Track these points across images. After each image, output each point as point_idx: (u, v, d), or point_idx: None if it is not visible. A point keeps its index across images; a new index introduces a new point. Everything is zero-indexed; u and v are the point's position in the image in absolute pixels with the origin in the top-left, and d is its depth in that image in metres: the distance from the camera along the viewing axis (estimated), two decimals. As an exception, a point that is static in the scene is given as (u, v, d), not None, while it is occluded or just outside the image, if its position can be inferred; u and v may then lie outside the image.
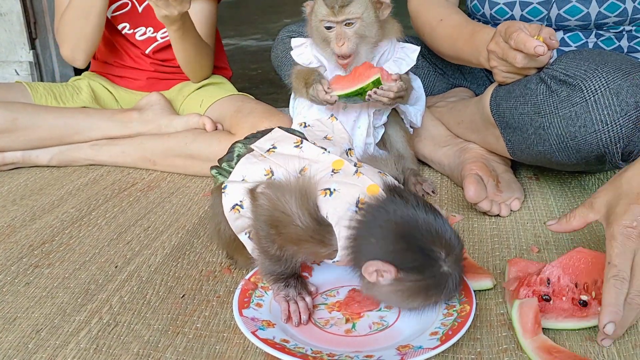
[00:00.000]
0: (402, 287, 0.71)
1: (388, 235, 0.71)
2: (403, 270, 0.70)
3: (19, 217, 1.19)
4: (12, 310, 0.86)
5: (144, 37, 1.56)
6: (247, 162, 0.86)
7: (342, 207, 0.74)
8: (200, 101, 1.52)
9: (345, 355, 0.69)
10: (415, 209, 0.71)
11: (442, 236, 0.71)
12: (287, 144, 0.87)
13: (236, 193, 0.83)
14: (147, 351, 0.76)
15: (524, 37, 0.97)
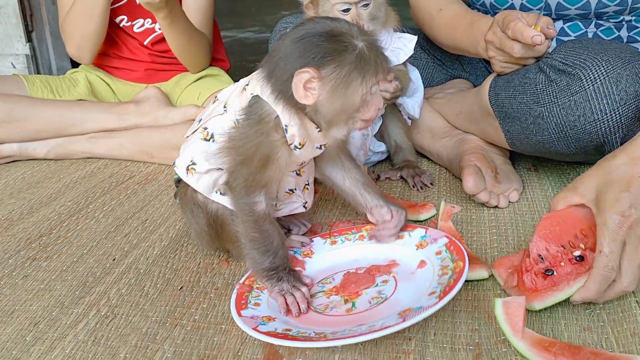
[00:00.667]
0: (334, 82, 0.72)
1: (293, 53, 0.73)
2: (321, 65, 0.71)
3: (17, 210, 1.18)
4: (9, 303, 0.86)
5: (142, 28, 1.55)
6: (183, 147, 0.90)
7: (259, 82, 0.78)
8: (198, 94, 1.52)
9: (349, 329, 0.70)
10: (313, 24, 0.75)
11: (344, 26, 0.74)
12: (207, 108, 0.92)
13: (182, 159, 0.87)
14: (145, 343, 0.76)
15: (521, 27, 0.96)
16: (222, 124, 0.84)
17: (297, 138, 0.79)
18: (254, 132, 0.79)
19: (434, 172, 1.27)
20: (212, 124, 0.86)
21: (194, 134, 0.89)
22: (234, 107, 0.83)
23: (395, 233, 0.89)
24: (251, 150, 0.79)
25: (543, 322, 0.76)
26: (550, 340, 0.70)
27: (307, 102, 0.73)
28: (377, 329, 0.67)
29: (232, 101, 0.84)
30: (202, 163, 0.85)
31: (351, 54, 0.72)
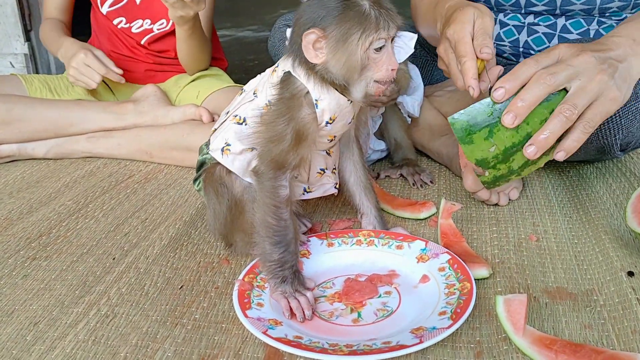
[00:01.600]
0: (336, 36, 0.74)
1: (302, 18, 0.77)
2: (325, 25, 0.74)
3: (16, 209, 1.18)
4: (9, 302, 0.86)
5: (140, 29, 1.55)
6: (217, 133, 0.90)
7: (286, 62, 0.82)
8: (197, 93, 1.52)
9: (363, 344, 0.69)
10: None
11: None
12: (234, 101, 0.93)
13: (218, 141, 0.88)
14: (145, 342, 0.75)
15: (467, 68, 0.89)
16: (254, 107, 0.85)
17: (327, 113, 0.81)
18: (285, 108, 0.80)
19: (434, 170, 1.27)
20: (242, 110, 0.87)
21: (223, 124, 0.90)
22: (266, 92, 0.84)
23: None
24: (283, 127, 0.80)
25: (544, 320, 0.76)
26: (551, 337, 0.70)
27: (317, 61, 0.76)
28: (394, 347, 0.67)
29: (263, 86, 0.85)
30: (236, 144, 0.86)
31: (352, 10, 0.74)
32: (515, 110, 0.77)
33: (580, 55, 0.79)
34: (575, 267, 0.87)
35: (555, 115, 0.76)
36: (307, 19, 0.76)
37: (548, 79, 0.76)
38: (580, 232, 0.97)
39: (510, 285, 0.84)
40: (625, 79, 0.81)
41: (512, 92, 0.77)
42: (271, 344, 0.70)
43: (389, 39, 0.77)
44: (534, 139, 0.77)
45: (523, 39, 1.25)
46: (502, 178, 0.80)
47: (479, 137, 0.78)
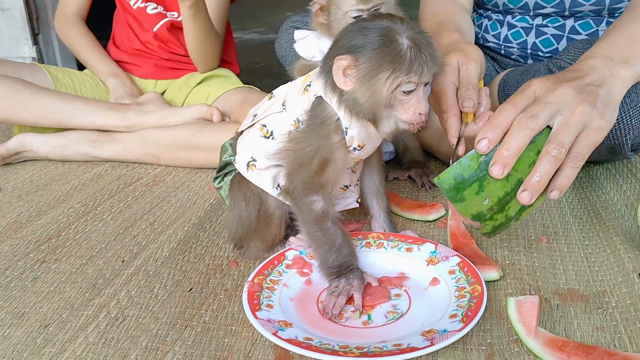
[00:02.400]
0: (365, 68, 0.73)
1: (340, 40, 0.76)
2: (359, 54, 0.73)
3: (25, 212, 1.18)
4: (19, 305, 0.86)
5: (154, 11, 1.57)
6: (241, 138, 0.91)
7: (318, 82, 0.80)
8: (207, 95, 1.52)
9: (374, 346, 0.69)
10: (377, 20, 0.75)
11: (396, 22, 0.74)
12: (261, 105, 0.92)
13: (242, 155, 0.88)
14: (155, 345, 0.75)
15: (449, 125, 0.88)
16: (282, 122, 0.85)
17: (356, 140, 0.81)
18: (315, 135, 0.80)
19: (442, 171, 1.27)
20: (270, 121, 0.87)
21: (250, 130, 0.90)
22: (295, 107, 0.84)
23: None
24: (310, 154, 0.80)
25: (555, 321, 0.75)
26: (563, 339, 0.69)
27: (344, 88, 0.75)
28: (405, 349, 0.67)
29: (292, 100, 0.85)
30: (262, 160, 0.86)
31: (389, 47, 0.72)
32: (502, 161, 0.73)
33: (557, 89, 0.75)
34: (586, 269, 0.87)
35: (543, 157, 0.73)
36: (344, 44, 0.75)
37: (529, 123, 0.73)
38: (590, 233, 0.96)
39: (521, 286, 0.83)
40: (608, 103, 0.77)
41: (495, 142, 0.74)
42: (282, 346, 0.70)
43: (422, 84, 0.75)
44: (526, 184, 0.74)
45: (531, 40, 1.24)
46: (501, 227, 0.79)
47: (470, 193, 0.76)
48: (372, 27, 0.73)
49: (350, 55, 0.73)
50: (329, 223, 0.83)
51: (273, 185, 0.87)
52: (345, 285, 0.79)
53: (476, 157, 0.75)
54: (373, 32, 0.73)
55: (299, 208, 0.84)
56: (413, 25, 0.74)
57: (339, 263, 0.81)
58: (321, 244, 0.83)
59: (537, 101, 0.75)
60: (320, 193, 0.82)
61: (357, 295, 0.79)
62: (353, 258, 0.83)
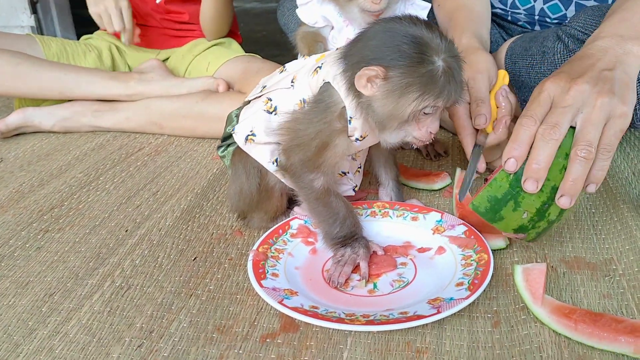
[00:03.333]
0: (394, 84, 0.70)
1: (372, 40, 0.72)
2: (391, 66, 0.69)
3: (27, 182, 1.18)
4: (24, 274, 0.86)
5: None
6: (246, 109, 0.90)
7: (332, 67, 0.77)
8: (207, 64, 1.50)
9: (380, 314, 0.69)
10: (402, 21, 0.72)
11: (433, 36, 0.70)
12: (273, 78, 0.91)
13: (243, 127, 0.86)
14: (160, 313, 0.75)
15: (466, 145, 0.89)
16: (288, 99, 0.83)
17: (358, 131, 0.79)
18: (317, 119, 0.78)
19: (447, 140, 1.26)
20: (276, 96, 0.85)
21: (256, 101, 0.88)
22: (303, 86, 0.82)
23: None
24: (310, 136, 0.78)
25: (562, 289, 0.75)
26: (570, 307, 0.69)
27: (364, 92, 0.72)
28: (412, 317, 0.67)
29: (301, 79, 0.83)
30: (261, 135, 0.84)
31: (423, 67, 0.69)
32: (534, 176, 0.72)
33: (572, 89, 0.73)
34: (593, 237, 0.86)
35: (574, 160, 0.71)
36: (376, 49, 0.71)
37: (553, 134, 0.71)
38: (597, 201, 0.96)
39: (527, 255, 0.83)
40: (627, 84, 0.75)
41: (522, 159, 0.73)
42: (287, 314, 0.70)
43: (443, 108, 0.74)
44: (562, 189, 0.73)
45: (539, 6, 1.21)
46: (544, 231, 0.78)
47: (508, 211, 0.75)
48: (407, 36, 0.69)
49: (380, 68, 0.69)
50: (331, 197, 0.82)
51: (270, 159, 0.85)
52: (351, 254, 0.79)
53: (506, 177, 0.74)
54: (408, 43, 0.69)
55: (299, 185, 0.83)
56: (449, 45, 0.71)
57: (344, 234, 0.81)
58: (325, 218, 0.82)
59: (554, 107, 0.73)
60: (319, 171, 0.81)
61: (363, 263, 0.79)
62: (357, 228, 0.82)
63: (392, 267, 0.79)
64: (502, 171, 0.75)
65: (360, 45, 0.73)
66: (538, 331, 0.68)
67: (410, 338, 0.68)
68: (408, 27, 0.70)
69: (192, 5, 1.55)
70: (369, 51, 0.71)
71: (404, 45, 0.69)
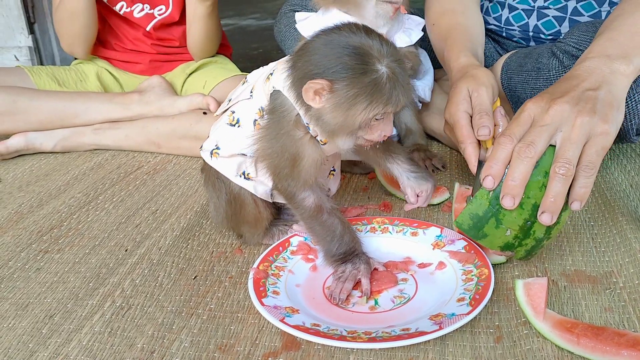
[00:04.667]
0: (341, 96, 0.70)
1: (314, 54, 0.72)
2: (336, 79, 0.69)
3: (26, 203, 1.18)
4: (24, 296, 0.85)
5: (142, 13, 1.53)
6: (214, 125, 0.91)
7: (281, 74, 0.78)
8: (204, 83, 1.51)
9: (382, 331, 0.69)
10: (344, 31, 0.72)
11: (373, 43, 0.70)
12: (237, 89, 0.92)
13: (208, 143, 0.88)
14: (161, 333, 0.75)
15: (468, 155, 0.88)
16: (248, 110, 0.84)
17: (319, 135, 0.79)
18: (277, 132, 0.79)
19: (445, 155, 1.26)
20: (238, 108, 0.86)
21: (223, 115, 0.89)
22: (259, 94, 0.83)
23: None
24: (277, 152, 0.79)
25: (563, 303, 0.75)
26: (572, 321, 0.69)
27: (312, 105, 0.72)
28: (414, 334, 0.67)
29: (258, 87, 0.84)
30: (226, 148, 0.85)
31: (367, 77, 0.69)
32: (510, 192, 0.73)
33: (551, 108, 0.74)
34: (592, 250, 0.86)
35: (553, 177, 0.72)
36: (319, 63, 0.71)
37: (528, 152, 0.72)
38: (596, 214, 0.96)
39: (528, 269, 0.83)
40: (611, 104, 0.75)
41: (499, 176, 0.74)
42: (289, 332, 0.69)
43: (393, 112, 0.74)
44: (543, 206, 0.73)
45: (532, 23, 1.23)
46: (534, 249, 0.78)
47: (490, 228, 0.77)
48: (348, 47, 0.70)
49: (325, 81, 0.69)
50: (325, 215, 0.82)
51: (237, 172, 0.86)
52: (352, 270, 0.79)
53: (486, 194, 0.76)
54: (349, 54, 0.69)
55: (293, 206, 0.84)
56: (390, 49, 0.71)
57: (343, 250, 0.81)
58: (322, 236, 0.82)
59: (533, 126, 0.74)
60: (308, 188, 0.81)
61: (365, 280, 0.78)
62: (356, 244, 0.82)
63: (393, 284, 0.79)
64: (482, 189, 0.76)
65: (305, 59, 0.73)
66: (541, 346, 0.68)
67: (412, 355, 0.68)
68: (348, 37, 0.71)
69: (180, 27, 1.56)
70: (313, 65, 0.71)
71: (345, 57, 0.69)
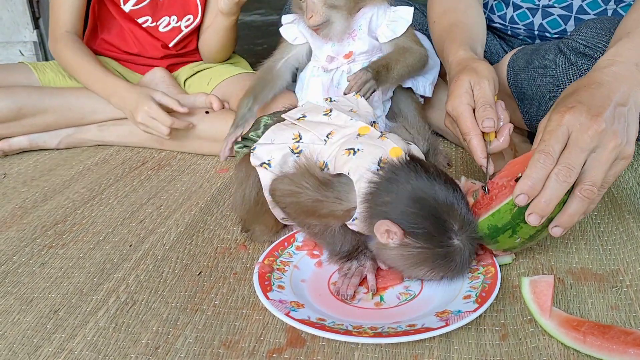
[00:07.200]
0: (409, 252, 0.71)
1: (403, 196, 0.71)
2: (411, 234, 0.70)
3: (30, 198, 1.18)
4: (28, 291, 0.85)
5: (168, 27, 1.48)
6: (277, 129, 0.87)
7: (364, 164, 0.75)
8: (209, 80, 1.49)
9: (388, 326, 0.69)
10: (435, 180, 0.71)
11: (458, 210, 0.71)
12: (316, 113, 0.88)
13: (264, 152, 0.84)
14: (166, 329, 0.75)
15: (474, 147, 0.87)
16: (313, 151, 0.81)
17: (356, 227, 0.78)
18: (323, 198, 0.76)
19: (450, 151, 1.26)
20: (307, 139, 0.83)
21: (288, 129, 0.86)
22: (330, 152, 0.79)
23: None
24: (308, 196, 0.77)
25: (569, 301, 0.75)
26: (578, 319, 0.69)
27: (380, 239, 0.72)
28: (420, 330, 0.66)
29: (334, 142, 0.80)
30: (276, 168, 0.82)
31: (442, 249, 0.70)
32: (540, 212, 0.72)
33: (592, 129, 0.71)
34: (599, 247, 0.86)
35: (576, 197, 0.72)
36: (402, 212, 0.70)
37: (568, 177, 0.70)
38: (603, 211, 0.95)
39: (534, 266, 0.82)
40: (635, 121, 0.74)
41: (535, 194, 0.72)
42: (294, 326, 0.69)
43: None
44: (558, 221, 0.73)
45: (537, 21, 1.22)
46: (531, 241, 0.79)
47: (504, 237, 0.77)
48: (434, 207, 0.70)
49: (401, 231, 0.70)
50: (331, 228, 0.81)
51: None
52: (357, 267, 0.79)
53: (510, 209, 0.74)
54: (430, 217, 0.70)
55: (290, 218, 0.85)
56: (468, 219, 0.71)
57: (347, 248, 0.81)
58: (324, 238, 0.82)
59: (573, 145, 0.71)
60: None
61: (370, 276, 0.78)
62: (360, 241, 0.82)
63: (398, 281, 0.79)
64: (506, 204, 0.74)
65: (394, 196, 0.71)
66: (547, 344, 0.67)
67: (418, 352, 0.68)
68: (436, 194, 0.70)
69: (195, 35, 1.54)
70: (393, 209, 0.71)
71: (426, 218, 0.70)
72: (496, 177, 0.80)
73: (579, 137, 0.71)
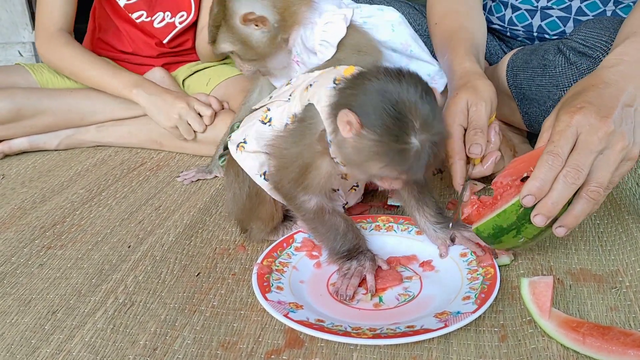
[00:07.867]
0: (364, 144, 0.68)
1: (365, 90, 0.69)
2: (367, 126, 0.67)
3: (29, 199, 1.17)
4: (26, 292, 0.85)
5: (162, 23, 1.48)
6: (247, 118, 0.91)
7: (323, 86, 0.76)
8: (207, 80, 1.49)
9: (387, 328, 0.68)
10: (402, 80, 0.68)
11: (422, 111, 0.67)
12: (280, 88, 0.92)
13: (237, 135, 0.87)
14: (164, 330, 0.75)
15: (455, 171, 0.86)
16: (282, 113, 0.84)
17: (338, 157, 0.77)
18: (299, 140, 0.78)
19: (449, 152, 1.25)
20: (274, 108, 0.86)
21: (259, 110, 0.89)
22: (296, 102, 0.82)
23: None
24: (292, 158, 0.79)
25: (568, 302, 0.74)
26: (578, 320, 0.69)
27: (342, 132, 0.70)
28: (419, 331, 0.66)
29: (297, 94, 0.83)
30: (252, 144, 0.85)
31: (397, 144, 0.67)
32: (546, 213, 0.71)
33: (601, 131, 0.70)
34: (598, 248, 0.86)
35: (582, 198, 0.71)
36: (363, 104, 0.68)
37: (577, 179, 0.70)
38: (602, 212, 0.95)
39: (533, 267, 0.82)
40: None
41: (542, 196, 0.72)
42: (293, 327, 0.69)
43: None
44: (563, 221, 0.73)
45: (536, 23, 1.21)
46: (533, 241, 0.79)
47: (508, 238, 0.77)
48: (396, 105, 0.66)
49: (358, 122, 0.67)
50: (327, 215, 0.82)
51: (258, 171, 0.85)
52: (357, 267, 0.79)
53: (516, 210, 0.74)
54: (394, 115, 0.66)
55: (294, 207, 0.83)
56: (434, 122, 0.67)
57: (347, 248, 0.81)
58: (325, 235, 0.82)
59: (582, 147, 0.70)
60: (307, 192, 0.80)
61: (370, 276, 0.78)
62: (360, 240, 0.82)
63: (397, 282, 0.79)
64: (513, 204, 0.74)
65: (354, 92, 0.71)
66: (546, 345, 0.67)
67: (416, 353, 0.67)
68: (403, 93, 0.67)
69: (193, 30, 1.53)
70: (357, 103, 0.69)
71: (389, 115, 0.66)
72: (500, 175, 0.79)
73: (588, 139, 0.70)
